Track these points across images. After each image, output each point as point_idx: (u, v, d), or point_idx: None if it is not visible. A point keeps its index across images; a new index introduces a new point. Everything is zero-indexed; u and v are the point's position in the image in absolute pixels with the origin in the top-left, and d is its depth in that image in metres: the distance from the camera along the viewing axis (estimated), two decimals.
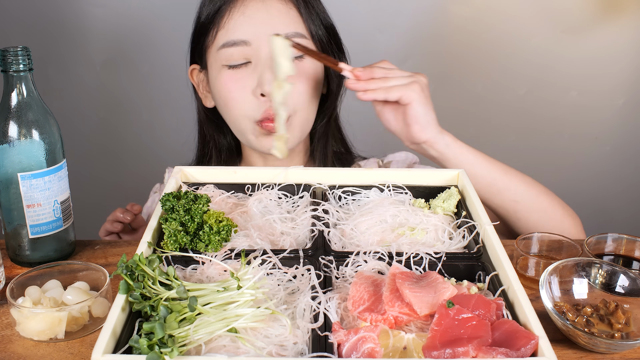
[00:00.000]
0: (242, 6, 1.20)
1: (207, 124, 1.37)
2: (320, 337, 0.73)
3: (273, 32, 1.17)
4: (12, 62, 0.94)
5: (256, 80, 1.20)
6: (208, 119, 1.36)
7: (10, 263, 1.03)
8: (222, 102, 1.25)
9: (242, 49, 1.20)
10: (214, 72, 1.24)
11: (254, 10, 1.20)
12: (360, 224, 0.96)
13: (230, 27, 1.20)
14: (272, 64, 1.14)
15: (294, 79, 1.18)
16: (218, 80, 1.23)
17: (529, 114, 2.12)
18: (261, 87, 1.19)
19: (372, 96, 1.12)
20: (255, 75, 1.20)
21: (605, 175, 2.22)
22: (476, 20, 2.00)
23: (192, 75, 1.34)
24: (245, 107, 1.22)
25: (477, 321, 0.73)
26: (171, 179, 1.04)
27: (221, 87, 1.23)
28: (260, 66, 1.20)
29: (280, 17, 1.20)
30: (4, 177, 0.98)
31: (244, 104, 1.22)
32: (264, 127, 1.22)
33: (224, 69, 1.22)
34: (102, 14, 1.89)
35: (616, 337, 0.82)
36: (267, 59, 1.18)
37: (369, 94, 1.12)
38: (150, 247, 0.87)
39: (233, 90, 1.22)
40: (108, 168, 2.09)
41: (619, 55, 2.06)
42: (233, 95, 1.22)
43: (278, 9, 1.21)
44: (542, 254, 1.04)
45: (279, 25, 1.20)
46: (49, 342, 0.84)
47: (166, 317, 0.73)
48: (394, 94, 1.11)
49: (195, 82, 1.34)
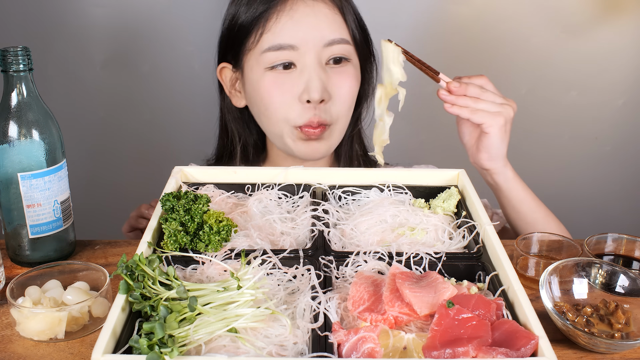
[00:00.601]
0: (291, 10, 1.18)
1: (233, 121, 1.36)
2: (320, 337, 0.73)
3: (320, 37, 1.18)
4: (12, 62, 0.94)
5: (302, 85, 1.19)
6: (235, 117, 1.35)
7: (10, 263, 1.03)
8: (262, 105, 1.23)
9: (288, 53, 1.19)
10: (254, 74, 1.23)
11: (302, 15, 1.18)
12: (360, 224, 0.96)
13: (278, 31, 1.18)
14: (382, 69, 1.13)
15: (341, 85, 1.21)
16: (260, 83, 1.22)
17: (529, 114, 2.11)
18: (308, 93, 1.18)
19: (457, 112, 1.12)
20: (301, 81, 1.19)
21: (605, 175, 2.22)
22: (476, 20, 2.00)
23: (220, 74, 1.32)
24: (288, 112, 1.21)
25: (477, 321, 0.73)
26: (171, 179, 1.04)
27: (263, 91, 1.21)
28: (307, 72, 1.19)
29: (327, 23, 1.20)
30: (4, 177, 0.98)
31: (287, 109, 1.21)
32: (305, 132, 1.22)
33: (267, 72, 1.20)
34: (102, 14, 1.89)
35: (616, 337, 0.82)
36: (314, 64, 1.18)
37: (455, 109, 1.12)
38: (150, 247, 0.87)
39: (276, 94, 1.20)
40: (108, 168, 2.09)
41: (619, 55, 2.06)
42: (276, 99, 1.21)
43: (325, 15, 1.20)
44: (542, 254, 1.04)
45: (326, 30, 1.19)
46: (49, 342, 0.84)
47: (166, 317, 0.73)
48: (478, 118, 1.11)
49: (223, 81, 1.32)
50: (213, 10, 1.91)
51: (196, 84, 1.98)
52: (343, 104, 1.23)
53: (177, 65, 1.96)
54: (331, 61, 1.22)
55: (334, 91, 1.21)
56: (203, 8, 1.91)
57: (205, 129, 1.98)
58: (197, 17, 1.91)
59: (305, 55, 1.19)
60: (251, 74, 1.23)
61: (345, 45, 1.22)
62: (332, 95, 1.21)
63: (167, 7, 1.90)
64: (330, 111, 1.22)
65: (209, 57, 1.99)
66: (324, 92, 1.20)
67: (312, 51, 1.18)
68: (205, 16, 1.91)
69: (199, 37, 1.93)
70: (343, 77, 1.22)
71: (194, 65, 1.96)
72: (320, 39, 1.19)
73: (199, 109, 2.02)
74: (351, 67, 1.24)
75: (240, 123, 1.36)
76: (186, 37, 1.93)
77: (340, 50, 1.21)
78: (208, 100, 2.00)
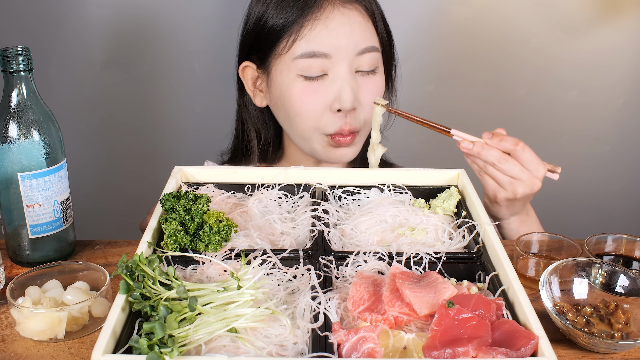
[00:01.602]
0: (327, 19, 1.18)
1: (253, 120, 1.35)
2: (320, 337, 0.73)
3: (353, 45, 1.18)
4: (12, 62, 0.94)
5: (333, 94, 1.19)
6: (254, 116, 1.35)
7: (10, 263, 1.03)
8: (292, 111, 1.23)
9: (321, 61, 1.18)
10: (284, 79, 1.22)
11: (337, 24, 1.18)
12: (360, 224, 0.96)
13: (312, 39, 1.18)
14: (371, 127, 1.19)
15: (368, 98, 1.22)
16: (290, 89, 1.21)
17: (529, 114, 2.11)
18: (340, 103, 1.18)
19: (470, 163, 1.13)
20: (332, 89, 1.19)
21: (605, 175, 2.22)
22: (476, 20, 2.00)
23: (243, 72, 1.31)
24: (319, 120, 1.21)
25: (477, 321, 0.73)
26: (171, 179, 1.04)
27: (295, 97, 1.21)
28: (339, 81, 1.19)
29: (360, 31, 1.20)
30: (4, 177, 0.98)
31: (318, 117, 1.21)
32: (336, 140, 1.22)
33: (298, 78, 1.20)
34: (102, 14, 1.89)
35: (616, 337, 0.82)
36: (346, 73, 1.19)
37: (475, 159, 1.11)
38: (150, 247, 0.87)
39: (308, 102, 1.20)
40: (108, 168, 2.09)
41: (619, 55, 2.06)
42: (308, 107, 1.21)
43: (359, 23, 1.20)
44: (542, 254, 1.04)
45: (359, 39, 1.19)
46: (49, 342, 0.84)
47: (166, 317, 0.73)
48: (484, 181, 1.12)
49: (245, 80, 1.31)
50: (213, 10, 1.91)
51: (196, 84, 1.98)
52: (370, 111, 1.23)
53: (177, 65, 1.96)
54: (360, 70, 1.22)
55: (362, 98, 1.22)
56: (203, 8, 1.91)
57: (206, 128, 1.98)
58: (197, 17, 1.91)
59: (337, 64, 1.19)
60: (280, 79, 1.23)
61: (375, 53, 1.22)
62: (361, 103, 1.22)
63: (167, 7, 1.90)
64: (359, 118, 1.23)
65: (209, 57, 2.00)
66: (355, 101, 1.20)
67: (345, 60, 1.18)
68: (205, 16, 1.91)
69: (199, 37, 1.93)
70: (371, 85, 1.23)
71: (194, 65, 1.96)
72: (353, 48, 1.19)
73: (198, 108, 2.03)
74: (379, 75, 1.25)
75: (260, 121, 1.35)
76: (186, 37, 1.93)
77: (370, 60, 1.21)
78: (208, 100, 2.01)
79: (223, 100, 1.64)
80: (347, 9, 1.19)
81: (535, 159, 1.08)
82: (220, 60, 1.82)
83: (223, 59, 1.35)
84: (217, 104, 1.88)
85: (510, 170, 1.08)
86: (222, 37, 1.80)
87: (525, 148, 1.07)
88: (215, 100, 1.96)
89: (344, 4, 1.19)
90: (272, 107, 1.30)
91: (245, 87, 1.32)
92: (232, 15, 1.33)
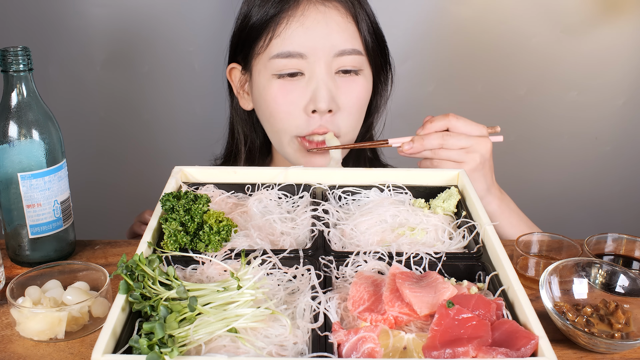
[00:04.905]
0: (302, 16, 1.14)
1: (241, 123, 1.33)
2: (320, 337, 0.73)
3: (330, 46, 1.14)
4: (12, 62, 0.94)
5: (309, 95, 1.16)
6: (242, 119, 1.32)
7: (10, 263, 1.03)
8: (267, 112, 1.20)
9: (296, 62, 1.15)
10: (261, 79, 1.19)
11: (313, 23, 1.14)
12: (360, 224, 0.96)
13: (287, 37, 1.14)
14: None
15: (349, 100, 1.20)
16: (267, 90, 1.18)
17: (529, 114, 2.11)
18: (315, 103, 1.15)
19: (424, 166, 1.12)
20: (308, 90, 1.16)
21: (605, 175, 2.22)
22: (476, 20, 2.00)
23: (230, 74, 1.29)
24: (293, 122, 1.18)
25: (477, 321, 0.73)
26: (171, 179, 1.04)
27: (270, 98, 1.18)
28: (314, 81, 1.15)
29: (339, 32, 1.15)
30: (4, 177, 0.98)
31: (292, 119, 1.17)
32: (306, 143, 1.19)
33: (273, 78, 1.17)
34: (102, 14, 1.89)
35: (616, 337, 0.82)
36: (323, 74, 1.15)
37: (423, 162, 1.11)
38: (150, 247, 0.87)
39: (282, 103, 1.17)
40: (108, 168, 2.09)
41: (619, 55, 2.06)
42: (282, 108, 1.17)
43: (337, 23, 1.16)
44: (542, 254, 1.04)
45: (337, 40, 1.15)
46: (49, 342, 0.84)
47: (166, 317, 0.73)
48: (445, 167, 1.09)
49: (233, 82, 1.29)
50: (213, 10, 1.91)
51: (196, 84, 1.98)
52: (350, 116, 1.19)
53: (177, 65, 1.96)
54: (341, 71, 1.18)
55: (342, 102, 1.17)
56: (203, 8, 1.91)
57: (205, 128, 1.98)
58: (197, 17, 1.91)
59: (314, 65, 1.15)
60: (259, 79, 1.20)
61: (357, 56, 1.18)
62: (340, 106, 1.17)
63: (167, 7, 1.90)
64: (338, 123, 1.18)
65: (209, 57, 2.00)
66: (332, 103, 1.16)
67: (322, 61, 1.15)
68: (206, 16, 1.91)
69: (198, 37, 1.93)
70: (352, 87, 1.18)
71: (194, 65, 1.96)
72: (330, 49, 1.15)
73: (198, 109, 2.03)
74: (362, 77, 1.20)
75: (248, 125, 1.32)
76: (186, 37, 1.93)
77: (350, 62, 1.17)
78: (208, 100, 2.01)
79: (223, 100, 1.64)
80: (324, 6, 1.15)
81: (470, 122, 1.10)
82: (221, 60, 1.82)
83: (223, 59, 1.35)
84: (217, 104, 1.88)
85: (457, 143, 1.08)
86: (222, 37, 1.80)
87: (457, 117, 1.09)
88: (216, 101, 1.96)
89: (322, 2, 1.16)
90: (255, 109, 1.27)
91: (233, 89, 1.30)
92: (232, 16, 1.33)
